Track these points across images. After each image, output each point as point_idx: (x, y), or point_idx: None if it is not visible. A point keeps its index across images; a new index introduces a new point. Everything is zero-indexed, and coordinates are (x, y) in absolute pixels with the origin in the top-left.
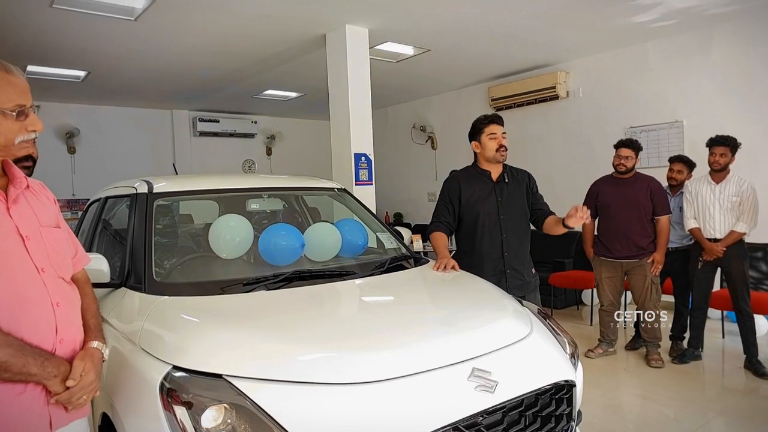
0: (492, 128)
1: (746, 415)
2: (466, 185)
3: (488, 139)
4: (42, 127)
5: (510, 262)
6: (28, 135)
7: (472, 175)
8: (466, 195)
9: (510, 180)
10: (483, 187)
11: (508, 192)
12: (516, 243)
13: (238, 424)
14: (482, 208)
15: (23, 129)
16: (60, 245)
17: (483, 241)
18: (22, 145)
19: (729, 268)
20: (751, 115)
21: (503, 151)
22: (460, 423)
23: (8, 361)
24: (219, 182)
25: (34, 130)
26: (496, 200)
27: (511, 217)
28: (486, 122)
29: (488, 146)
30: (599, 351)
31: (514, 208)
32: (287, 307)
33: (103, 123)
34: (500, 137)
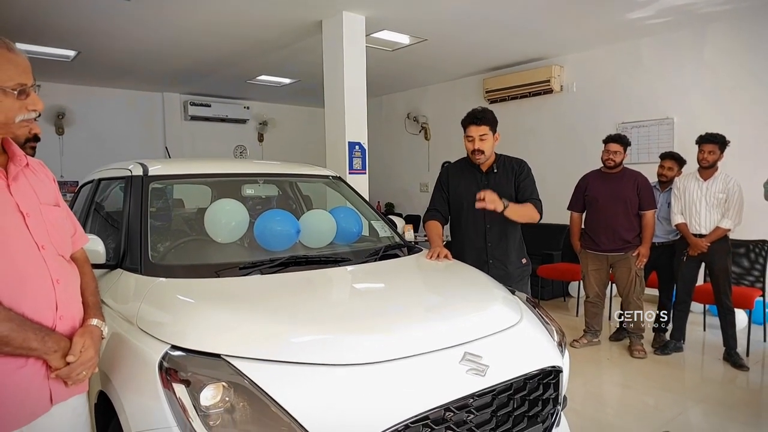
0: (469, 130)
1: (723, 404)
2: (454, 176)
3: (466, 140)
4: (42, 107)
5: (493, 253)
6: (29, 114)
7: (462, 165)
8: (453, 185)
9: (499, 170)
10: (470, 178)
11: (495, 183)
12: (500, 234)
13: (236, 401)
14: (467, 198)
15: (24, 108)
16: (60, 223)
17: (467, 231)
18: (22, 123)
19: (713, 263)
20: (741, 114)
21: (478, 154)
22: (451, 404)
23: (9, 336)
24: (214, 166)
25: (35, 109)
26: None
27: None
28: (466, 123)
29: (466, 147)
30: (584, 341)
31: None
32: (284, 291)
33: (93, 104)
34: (477, 139)
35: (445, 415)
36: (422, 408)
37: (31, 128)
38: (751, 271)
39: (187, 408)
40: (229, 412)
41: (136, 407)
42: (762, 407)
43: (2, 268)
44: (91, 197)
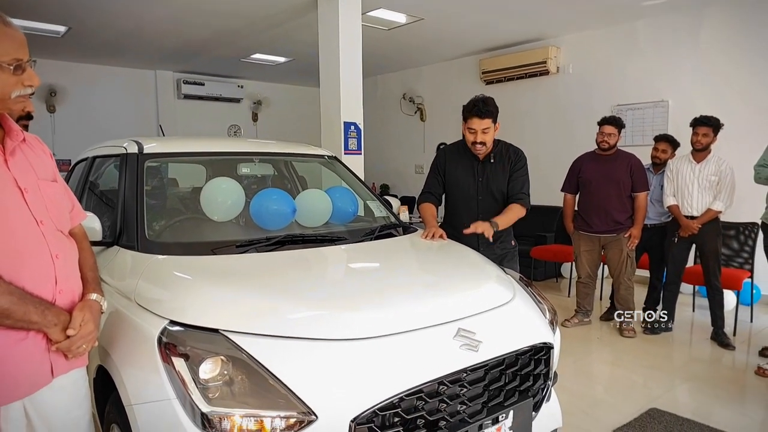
0: (472, 122)
1: (709, 382)
2: (451, 161)
3: (467, 131)
4: (39, 82)
5: (483, 239)
6: (24, 90)
7: (459, 151)
8: (450, 170)
9: (496, 160)
10: (466, 165)
11: (490, 171)
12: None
13: (234, 374)
14: (461, 185)
15: (19, 83)
16: (58, 199)
17: (462, 216)
18: (18, 99)
19: (703, 245)
20: (735, 97)
21: (479, 146)
22: (445, 378)
23: (10, 309)
24: (209, 145)
25: (31, 85)
26: (476, 180)
27: (488, 197)
28: (469, 114)
29: (466, 137)
30: (575, 321)
31: (493, 188)
32: (280, 269)
33: (84, 82)
34: (479, 133)
35: (438, 389)
36: (417, 381)
37: (24, 105)
38: (740, 252)
39: (187, 381)
40: (227, 385)
41: (135, 381)
42: (746, 385)
43: (2, 242)
44: (85, 175)
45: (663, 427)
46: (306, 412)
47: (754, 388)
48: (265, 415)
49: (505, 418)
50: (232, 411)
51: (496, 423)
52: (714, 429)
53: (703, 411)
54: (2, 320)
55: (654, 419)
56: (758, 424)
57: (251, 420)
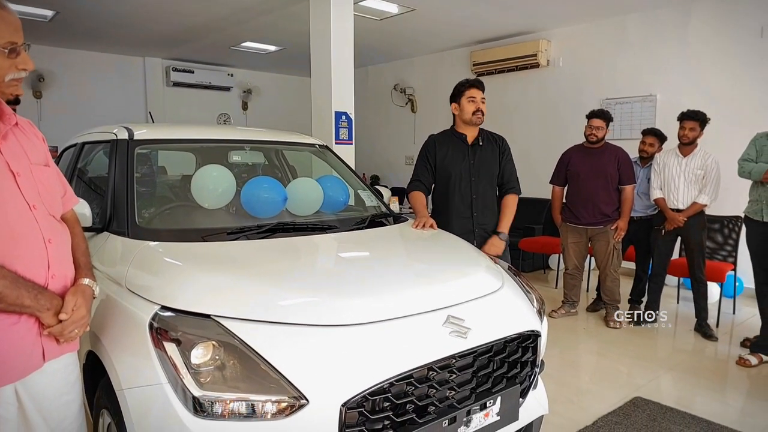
0: (472, 92)
1: (692, 372)
2: (441, 147)
3: (467, 101)
4: (33, 66)
5: (478, 221)
6: (18, 73)
7: (448, 137)
8: (441, 156)
9: (484, 143)
10: (457, 149)
11: (481, 155)
12: (485, 203)
13: (226, 359)
14: (455, 169)
15: (13, 67)
16: (50, 183)
17: (455, 201)
18: (11, 83)
19: (688, 237)
20: (722, 92)
21: (479, 115)
22: (434, 364)
23: (2, 292)
24: (200, 132)
25: (25, 68)
26: (468, 163)
27: (481, 180)
28: (467, 85)
29: (466, 109)
30: (562, 311)
31: (485, 170)
32: (272, 256)
33: (72, 68)
34: (479, 102)
35: (428, 374)
36: (406, 367)
37: (19, 92)
38: (724, 246)
39: (178, 366)
40: (219, 370)
41: (126, 366)
42: (728, 375)
43: None
44: (74, 161)
45: (647, 416)
46: (297, 396)
47: (735, 378)
48: (256, 399)
49: (493, 404)
50: (224, 395)
51: (484, 409)
52: (696, 417)
53: (686, 400)
54: None
55: (638, 408)
56: (738, 412)
57: (243, 404)
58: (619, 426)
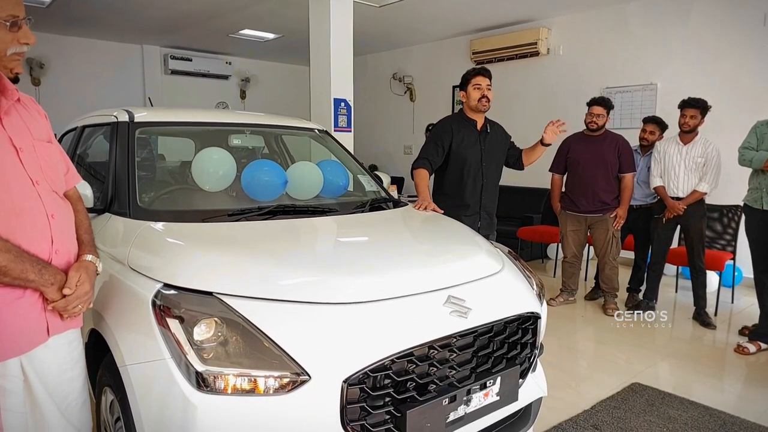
0: (478, 79)
1: (690, 359)
2: (458, 131)
3: (473, 88)
4: (35, 41)
5: (485, 205)
6: (20, 48)
7: (460, 121)
8: (457, 140)
9: (492, 130)
10: (471, 135)
11: (490, 141)
12: (492, 188)
13: (229, 335)
14: (469, 154)
15: (15, 41)
16: (53, 160)
17: (467, 185)
18: (13, 57)
19: (688, 226)
20: (723, 81)
21: (485, 101)
22: (435, 342)
23: (7, 266)
24: (200, 115)
25: (27, 43)
26: (480, 148)
27: (491, 165)
28: (473, 73)
29: (472, 95)
30: (560, 300)
31: (494, 156)
32: (273, 236)
33: (70, 55)
34: (485, 88)
35: (429, 353)
36: (407, 345)
37: (19, 70)
38: (723, 235)
39: (182, 342)
40: (222, 345)
41: (130, 342)
42: (726, 362)
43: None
44: (74, 145)
45: (645, 401)
46: (299, 372)
47: (733, 365)
48: (258, 374)
49: (493, 384)
50: (227, 371)
51: (484, 388)
52: (694, 402)
53: (684, 386)
54: (0, 278)
55: (636, 393)
56: (736, 398)
57: (245, 379)
58: (617, 410)
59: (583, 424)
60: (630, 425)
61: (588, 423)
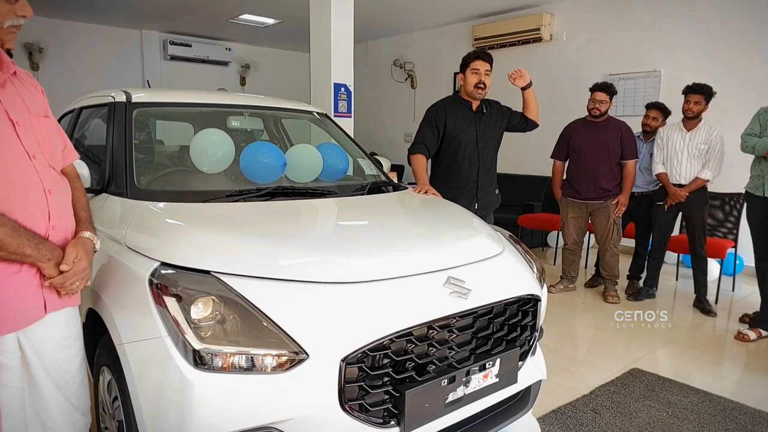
0: (476, 63)
1: (690, 346)
2: (451, 113)
3: (471, 73)
4: (32, 14)
5: (482, 186)
6: (17, 20)
7: (454, 103)
8: (451, 122)
9: (488, 111)
10: (465, 117)
11: (485, 121)
12: (488, 168)
13: (226, 314)
14: (464, 136)
15: (12, 13)
16: (50, 135)
17: (463, 166)
18: (9, 29)
19: (690, 213)
20: (728, 68)
21: (481, 88)
22: (434, 322)
23: (4, 240)
24: (198, 97)
25: (24, 15)
26: (475, 129)
27: (486, 145)
28: (473, 57)
29: (469, 80)
30: (560, 287)
31: (490, 136)
32: (272, 217)
33: (69, 40)
34: (482, 74)
35: (428, 333)
36: (406, 324)
37: (5, 42)
38: (725, 223)
39: (179, 320)
40: (219, 324)
41: (127, 321)
42: (726, 349)
43: None
44: (72, 126)
45: (644, 386)
46: (297, 351)
47: (733, 352)
48: (256, 353)
49: (492, 366)
50: (224, 348)
51: (483, 370)
52: (693, 388)
53: (684, 372)
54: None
55: (636, 378)
56: (735, 384)
57: (243, 357)
58: (616, 395)
59: (582, 408)
60: (629, 410)
61: (587, 407)
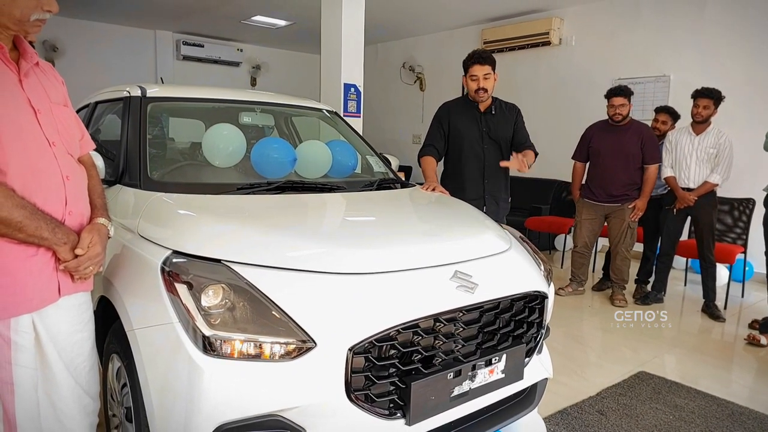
0: (474, 69)
1: (698, 350)
2: (455, 114)
3: (469, 79)
4: (57, 9)
5: (489, 189)
6: (43, 14)
7: (462, 104)
8: (454, 123)
9: (497, 112)
10: (470, 117)
11: (493, 123)
12: (495, 171)
13: (236, 301)
14: (467, 136)
15: (39, 7)
16: (69, 123)
17: (466, 167)
18: (35, 23)
19: (698, 217)
20: (738, 73)
21: (482, 93)
22: (440, 315)
23: (22, 222)
24: (211, 92)
25: (50, 10)
26: (480, 130)
27: (492, 147)
28: (469, 63)
29: (469, 86)
30: (569, 289)
31: (497, 138)
32: (281, 209)
33: (84, 39)
34: (481, 79)
35: (434, 326)
36: (413, 316)
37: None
38: (733, 228)
39: (189, 307)
40: (229, 311)
41: (138, 307)
42: (735, 354)
43: (17, 158)
44: (87, 120)
45: (651, 389)
46: (305, 339)
47: (742, 358)
48: (265, 340)
49: (498, 361)
50: (233, 335)
51: (490, 365)
52: (701, 392)
53: (691, 376)
54: (15, 233)
55: (642, 381)
56: (744, 389)
57: (251, 344)
58: (623, 397)
59: (588, 409)
60: (636, 412)
61: (593, 408)
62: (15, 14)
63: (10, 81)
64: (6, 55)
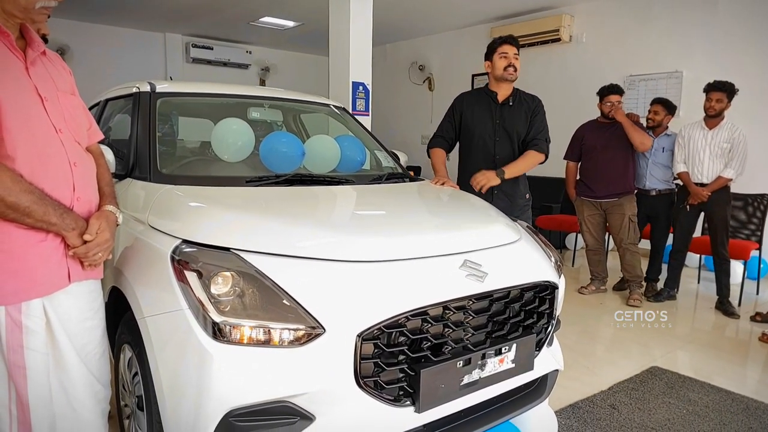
0: (504, 48)
1: (712, 346)
2: (469, 105)
3: (499, 57)
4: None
5: (501, 185)
6: (48, 2)
7: (478, 95)
8: (467, 114)
9: (515, 104)
10: (484, 109)
11: (508, 115)
12: (507, 164)
13: (245, 288)
14: (478, 128)
15: None
16: (76, 112)
17: (477, 160)
18: (41, 11)
19: (712, 212)
20: (751, 68)
21: (512, 70)
22: (450, 303)
23: (30, 207)
24: (220, 88)
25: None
26: (493, 122)
27: (504, 139)
28: (500, 42)
29: (497, 65)
30: (592, 288)
31: (511, 131)
32: (291, 200)
33: (94, 42)
34: (511, 57)
35: (444, 314)
36: (422, 303)
37: (46, 31)
38: (748, 224)
39: (199, 295)
40: (239, 298)
41: (149, 296)
42: (750, 350)
43: (24, 145)
44: (98, 117)
45: (664, 384)
46: (314, 325)
47: (757, 354)
48: (274, 326)
49: (508, 351)
50: (243, 322)
51: (499, 354)
52: (715, 387)
53: (705, 371)
54: (23, 219)
55: (655, 376)
56: (759, 384)
57: (260, 331)
58: (635, 392)
59: (600, 403)
60: (648, 406)
61: (605, 403)
62: (20, 2)
63: (17, 69)
64: (12, 42)
